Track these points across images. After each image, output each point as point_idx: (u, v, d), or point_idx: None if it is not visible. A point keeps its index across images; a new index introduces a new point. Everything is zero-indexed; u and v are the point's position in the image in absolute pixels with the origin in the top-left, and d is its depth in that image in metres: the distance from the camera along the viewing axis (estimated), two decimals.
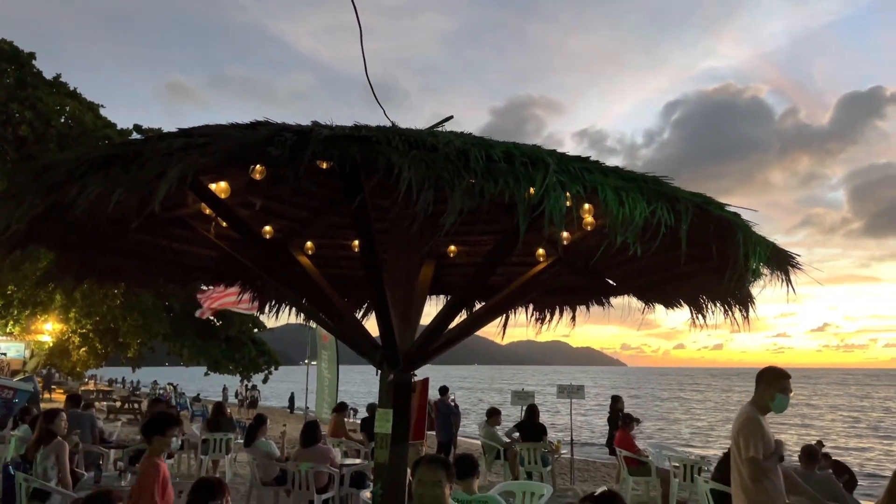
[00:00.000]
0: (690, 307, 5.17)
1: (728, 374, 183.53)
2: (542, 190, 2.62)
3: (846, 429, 40.08)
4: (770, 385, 4.72)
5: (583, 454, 22.98)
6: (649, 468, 11.36)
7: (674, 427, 39.69)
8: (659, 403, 63.43)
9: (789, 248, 3.77)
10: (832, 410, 56.28)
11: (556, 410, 41.37)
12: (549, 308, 6.42)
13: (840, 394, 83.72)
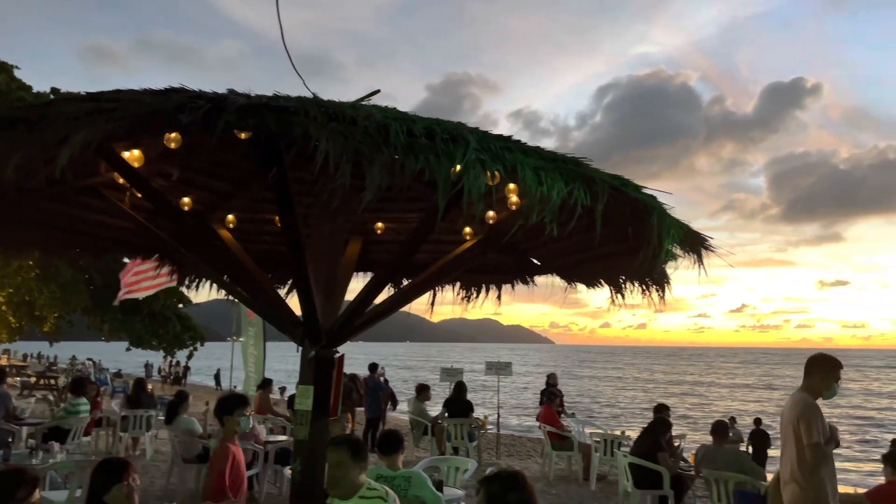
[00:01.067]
0: (610, 287, 5.29)
1: (649, 353, 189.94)
2: (461, 167, 2.61)
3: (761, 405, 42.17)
4: (827, 374, 4.72)
5: (511, 430, 23.44)
6: (572, 443, 11.65)
7: (595, 403, 40.88)
8: (582, 380, 65.13)
9: (712, 232, 3.88)
10: (746, 388, 59.05)
11: (485, 387, 42.02)
12: (475, 286, 6.47)
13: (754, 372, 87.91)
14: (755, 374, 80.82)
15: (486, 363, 15.44)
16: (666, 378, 70.79)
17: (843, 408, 40.27)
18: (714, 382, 63.50)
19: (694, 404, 40.73)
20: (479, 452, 12.88)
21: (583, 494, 10.30)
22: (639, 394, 49.64)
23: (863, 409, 40.33)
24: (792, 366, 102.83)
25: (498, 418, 15.01)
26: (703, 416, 32.92)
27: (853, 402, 43.68)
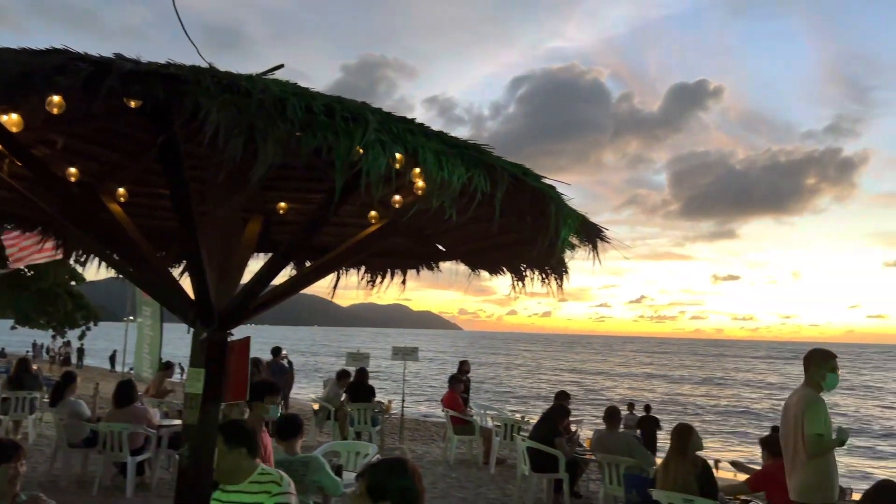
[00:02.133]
0: (512, 274, 5.35)
1: (552, 340, 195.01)
2: (360, 147, 2.55)
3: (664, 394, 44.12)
4: (820, 366, 4.94)
5: (416, 415, 23.58)
6: (474, 427, 11.84)
7: (499, 388, 41.69)
8: (487, 366, 66.26)
9: (615, 225, 4.00)
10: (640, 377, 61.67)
11: (391, 372, 42.10)
12: (380, 271, 6.41)
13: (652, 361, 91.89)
14: (654, 364, 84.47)
15: (393, 348, 15.46)
16: (567, 365, 73.03)
17: (721, 398, 42.68)
18: (610, 371, 65.92)
19: (592, 391, 42.18)
20: (382, 437, 12.89)
21: (481, 478, 10.49)
22: (541, 380, 50.95)
23: (738, 398, 42.77)
24: (685, 355, 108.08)
25: (402, 403, 15.06)
26: (602, 403, 34.12)
27: (732, 392, 46.34)
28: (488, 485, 9.98)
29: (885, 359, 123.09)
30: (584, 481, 9.69)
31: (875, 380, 64.79)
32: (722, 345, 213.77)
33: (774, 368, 79.30)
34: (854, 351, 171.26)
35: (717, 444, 21.42)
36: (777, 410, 34.75)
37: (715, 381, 54.34)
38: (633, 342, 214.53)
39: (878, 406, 40.26)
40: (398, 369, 38.23)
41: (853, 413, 34.82)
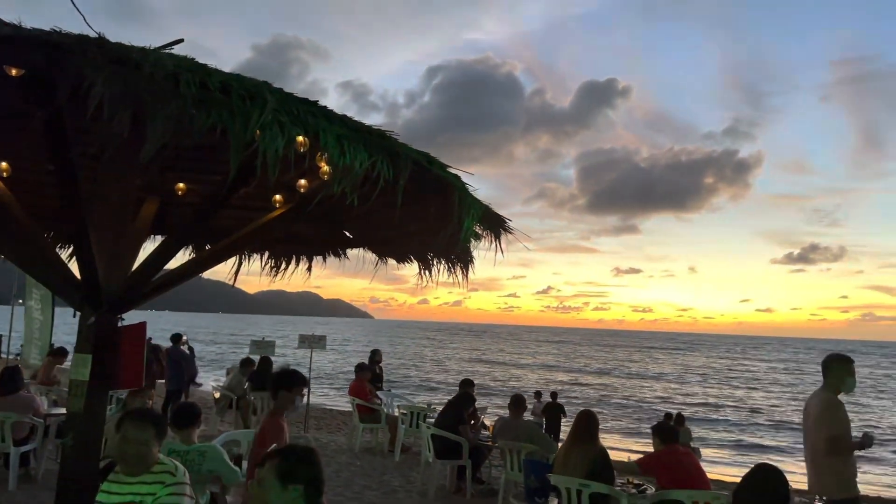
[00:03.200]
0: (419, 263, 5.34)
1: (460, 330, 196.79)
2: (256, 127, 2.46)
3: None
4: (839, 371, 5.13)
5: (322, 403, 23.33)
6: (380, 415, 11.81)
7: (406, 377, 41.79)
8: (396, 355, 66.34)
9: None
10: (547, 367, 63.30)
11: (298, 361, 41.51)
12: (284, 257, 6.26)
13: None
14: (560, 353, 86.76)
15: (300, 336, 15.19)
16: (475, 354, 74.04)
17: (619, 388, 44.36)
18: (516, 361, 67.26)
19: (498, 380, 42.94)
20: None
21: (386, 465, 10.48)
22: (449, 368, 51.43)
23: (629, 388, 44.52)
24: (589, 345, 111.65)
25: (308, 392, 14.83)
26: (507, 391, 34.79)
27: (629, 382, 48.20)
28: (392, 472, 9.99)
29: (775, 349, 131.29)
30: (487, 467, 9.84)
31: (765, 370, 68.98)
32: (622, 335, 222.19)
33: (671, 358, 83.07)
34: (743, 342, 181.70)
35: (617, 435, 22.23)
36: (667, 400, 36.40)
37: (614, 371, 56.31)
38: (539, 331, 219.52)
39: (763, 395, 42.84)
40: (307, 358, 37.70)
41: (743, 404, 36.95)
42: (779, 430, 27.23)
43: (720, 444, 22.11)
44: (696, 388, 44.80)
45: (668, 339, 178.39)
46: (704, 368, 65.13)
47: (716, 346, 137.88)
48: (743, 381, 52.38)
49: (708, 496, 5.84)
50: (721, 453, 19.82)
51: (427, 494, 8.64)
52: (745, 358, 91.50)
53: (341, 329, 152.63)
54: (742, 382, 50.58)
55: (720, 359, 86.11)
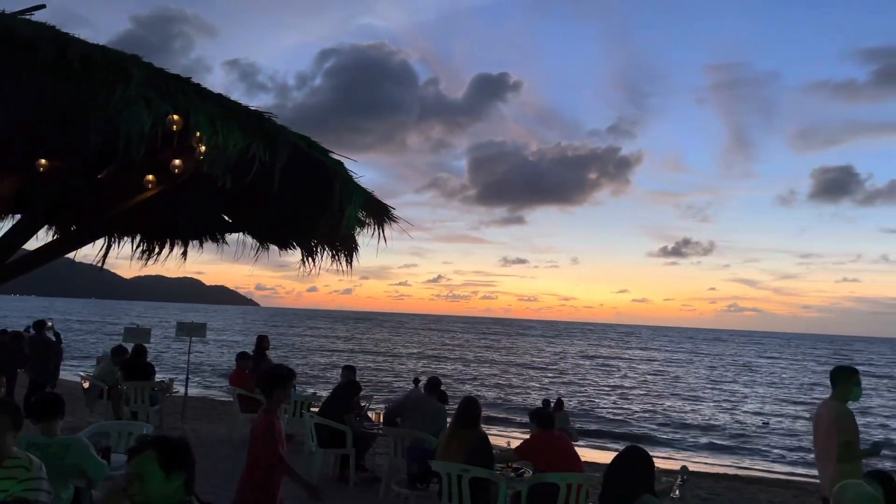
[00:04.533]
0: (302, 250, 5.23)
1: (347, 318, 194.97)
2: (120, 102, 2.31)
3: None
4: (847, 381, 5.47)
5: (202, 393, 22.52)
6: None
7: (291, 364, 41.00)
8: (282, 345, 64.97)
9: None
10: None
11: (178, 348, 39.86)
12: (158, 240, 5.95)
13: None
14: (446, 340, 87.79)
15: (178, 324, 14.55)
16: (364, 342, 73.75)
17: (503, 375, 45.50)
18: (400, 352, 67.60)
19: (382, 369, 42.94)
20: (161, 417, 12.13)
21: None
22: (336, 357, 50.91)
23: (510, 375, 45.81)
24: (477, 333, 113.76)
25: (186, 381, 14.28)
26: (391, 379, 34.96)
27: (512, 369, 49.53)
28: None
29: (650, 337, 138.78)
30: (371, 455, 9.83)
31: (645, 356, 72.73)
32: (509, 323, 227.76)
33: (552, 346, 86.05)
34: (619, 329, 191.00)
35: (500, 426, 22.78)
36: (546, 387, 37.73)
37: (496, 358, 57.57)
38: (427, 319, 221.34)
39: (635, 383, 45.17)
40: (186, 346, 36.16)
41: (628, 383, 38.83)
42: (652, 418, 28.81)
43: (597, 429, 23.14)
44: (575, 374, 46.64)
45: (551, 327, 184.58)
46: (583, 356, 67.93)
47: (594, 333, 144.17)
48: (618, 367, 55.03)
49: (580, 478, 6.08)
50: (596, 438, 20.75)
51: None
52: (622, 346, 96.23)
53: (224, 316, 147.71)
54: (617, 369, 53.12)
55: (600, 346, 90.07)
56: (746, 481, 13.74)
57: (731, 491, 11.50)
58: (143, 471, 2.41)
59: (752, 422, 27.71)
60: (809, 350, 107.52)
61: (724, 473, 15.12)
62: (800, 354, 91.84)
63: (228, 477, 8.74)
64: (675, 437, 23.24)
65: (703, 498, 9.95)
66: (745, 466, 17.98)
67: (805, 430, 25.53)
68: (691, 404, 32.25)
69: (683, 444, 21.69)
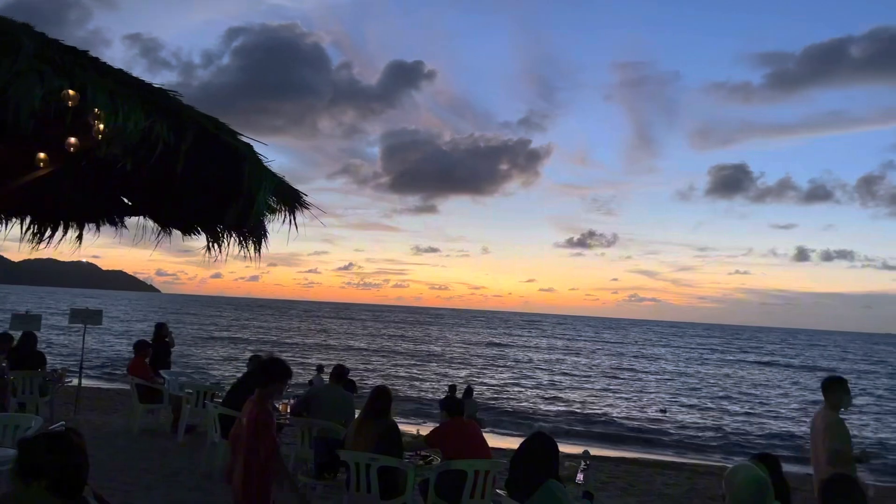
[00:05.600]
0: (207, 235, 5.04)
1: (253, 306, 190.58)
2: (8, 75, 2.15)
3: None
4: (837, 391, 5.90)
5: (98, 383, 21.52)
6: (162, 395, 11.13)
7: (195, 354, 39.83)
8: (182, 330, 62.86)
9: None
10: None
11: (71, 336, 37.89)
12: (51, 222, 5.60)
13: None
14: (354, 329, 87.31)
15: (72, 310, 13.82)
16: (270, 330, 72.33)
17: (415, 364, 45.76)
18: (306, 339, 66.71)
19: (292, 356, 42.31)
20: (52, 408, 11.50)
21: (168, 447, 9.94)
22: (240, 346, 49.69)
23: (420, 364, 46.23)
24: (390, 323, 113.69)
25: (80, 370, 13.60)
26: (302, 368, 34.43)
27: (420, 359, 49.88)
28: (175, 454, 9.47)
29: (555, 325, 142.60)
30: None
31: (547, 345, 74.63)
32: (419, 311, 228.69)
33: (460, 334, 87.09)
34: (529, 318, 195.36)
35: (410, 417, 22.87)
36: (453, 374, 38.19)
37: (406, 347, 57.74)
38: (337, 307, 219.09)
39: (545, 370, 46.35)
40: (80, 334, 34.32)
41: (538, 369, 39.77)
42: (556, 406, 29.63)
43: (503, 416, 23.59)
44: (481, 362, 47.38)
45: (463, 315, 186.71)
46: (489, 344, 69.08)
47: (502, 321, 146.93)
48: (523, 356, 56.30)
49: (487, 465, 6.20)
50: (502, 425, 21.15)
51: (212, 476, 8.31)
52: (528, 334, 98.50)
53: (122, 303, 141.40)
54: (522, 358, 54.33)
55: (507, 335, 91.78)
56: (644, 465, 14.36)
57: (629, 474, 11.98)
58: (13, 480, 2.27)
59: (650, 409, 28.98)
60: (704, 339, 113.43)
61: (622, 458, 15.74)
62: (695, 343, 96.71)
63: (127, 468, 8.43)
64: (578, 423, 24.03)
65: (603, 481, 10.33)
66: (643, 451, 18.80)
67: (699, 416, 26.96)
68: (593, 392, 33.41)
69: (585, 431, 22.46)
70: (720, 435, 23.24)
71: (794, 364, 63.34)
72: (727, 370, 52.67)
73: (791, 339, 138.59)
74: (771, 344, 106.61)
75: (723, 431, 23.78)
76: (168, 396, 11.15)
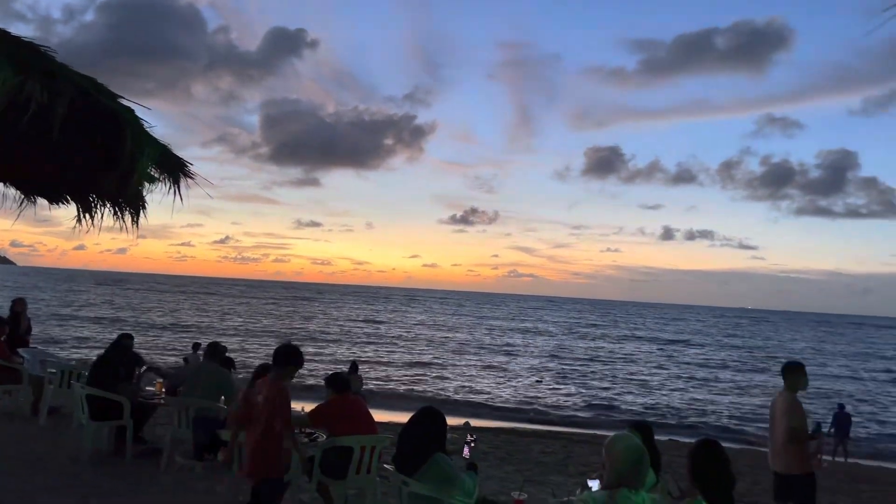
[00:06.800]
0: (78, 205, 4.69)
1: (118, 279, 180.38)
2: None
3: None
4: (795, 374, 6.32)
5: None
6: (21, 375, 10.35)
7: (54, 332, 37.32)
8: (44, 305, 58.68)
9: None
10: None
11: None
12: None
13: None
14: (231, 305, 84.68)
15: None
16: (137, 305, 68.86)
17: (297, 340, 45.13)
18: (183, 318, 64.29)
19: (162, 333, 40.53)
20: None
21: (29, 430, 9.30)
22: (104, 322, 46.98)
23: (300, 340, 45.70)
24: (269, 300, 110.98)
25: None
26: (181, 347, 33.14)
27: (301, 334, 49.27)
28: (37, 438, 8.86)
29: (437, 301, 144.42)
30: (151, 426, 9.25)
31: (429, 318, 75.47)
32: (300, 287, 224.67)
33: (351, 310, 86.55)
34: (412, 293, 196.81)
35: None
36: (335, 350, 38.03)
37: (280, 325, 56.58)
38: (211, 282, 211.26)
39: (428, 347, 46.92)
40: None
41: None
42: (442, 378, 30.12)
43: (393, 392, 23.75)
44: (365, 338, 47.38)
45: (347, 291, 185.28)
46: (372, 321, 69.13)
47: (385, 298, 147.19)
48: (407, 331, 56.76)
49: (373, 440, 6.22)
50: (392, 402, 21.27)
51: (79, 459, 7.84)
52: (411, 310, 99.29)
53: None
54: (409, 332, 54.78)
55: (392, 312, 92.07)
56: (521, 434, 14.92)
57: (508, 444, 12.42)
58: None
59: (527, 380, 30.07)
60: (578, 314, 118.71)
61: (501, 428, 16.28)
62: (569, 317, 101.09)
63: None
64: (461, 394, 24.58)
65: (484, 451, 10.64)
66: (521, 422, 19.51)
67: (573, 388, 28.27)
68: (473, 365, 34.23)
69: (468, 402, 23.02)
70: (593, 405, 24.53)
71: (661, 338, 67.65)
72: (601, 343, 55.53)
73: (658, 314, 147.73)
74: (640, 318, 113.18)
75: (595, 402, 25.11)
76: (27, 377, 10.39)
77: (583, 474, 7.54)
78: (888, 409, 28.27)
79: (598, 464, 3.32)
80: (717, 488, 3.62)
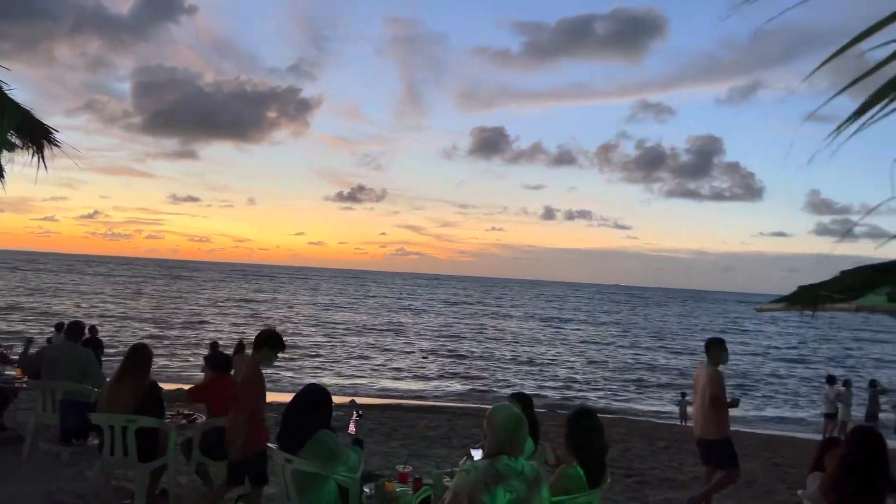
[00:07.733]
0: None
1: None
2: None
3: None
4: (718, 350, 6.86)
5: None
6: None
7: None
8: None
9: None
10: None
11: None
12: None
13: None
14: (108, 284, 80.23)
15: None
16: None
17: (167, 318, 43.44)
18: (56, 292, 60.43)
19: (28, 316, 37.84)
20: None
21: None
22: None
23: (182, 318, 44.16)
24: (142, 278, 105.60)
25: None
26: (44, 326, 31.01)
27: (181, 313, 47.46)
28: None
29: (323, 280, 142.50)
30: (12, 411, 8.65)
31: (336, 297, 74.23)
32: (175, 265, 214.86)
33: (228, 289, 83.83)
34: (300, 272, 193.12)
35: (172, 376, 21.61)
36: (215, 329, 36.92)
37: (162, 303, 54.29)
38: (88, 260, 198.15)
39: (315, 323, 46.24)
40: None
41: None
42: (326, 356, 29.85)
43: (280, 372, 23.32)
44: (245, 317, 46.18)
45: (226, 269, 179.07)
46: (255, 301, 67.47)
47: (268, 276, 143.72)
48: (293, 311, 55.81)
49: None
50: (279, 382, 20.89)
51: None
52: (296, 288, 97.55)
53: None
54: (295, 312, 53.85)
55: (273, 292, 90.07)
56: (407, 409, 15.09)
57: (393, 420, 12.54)
58: None
59: (413, 357, 30.37)
60: (463, 291, 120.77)
61: (386, 404, 16.40)
62: (454, 295, 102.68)
63: None
64: (349, 372, 24.51)
65: (370, 428, 10.70)
66: (405, 397, 19.73)
67: (458, 364, 28.82)
68: (361, 344, 34.18)
69: (354, 380, 22.99)
70: (476, 378, 25.15)
71: (540, 314, 70.10)
72: (484, 320, 56.85)
73: (539, 291, 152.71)
74: (523, 297, 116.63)
75: (479, 376, 25.75)
76: None
77: (465, 446, 7.73)
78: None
79: (481, 434, 3.43)
80: (590, 454, 3.84)
